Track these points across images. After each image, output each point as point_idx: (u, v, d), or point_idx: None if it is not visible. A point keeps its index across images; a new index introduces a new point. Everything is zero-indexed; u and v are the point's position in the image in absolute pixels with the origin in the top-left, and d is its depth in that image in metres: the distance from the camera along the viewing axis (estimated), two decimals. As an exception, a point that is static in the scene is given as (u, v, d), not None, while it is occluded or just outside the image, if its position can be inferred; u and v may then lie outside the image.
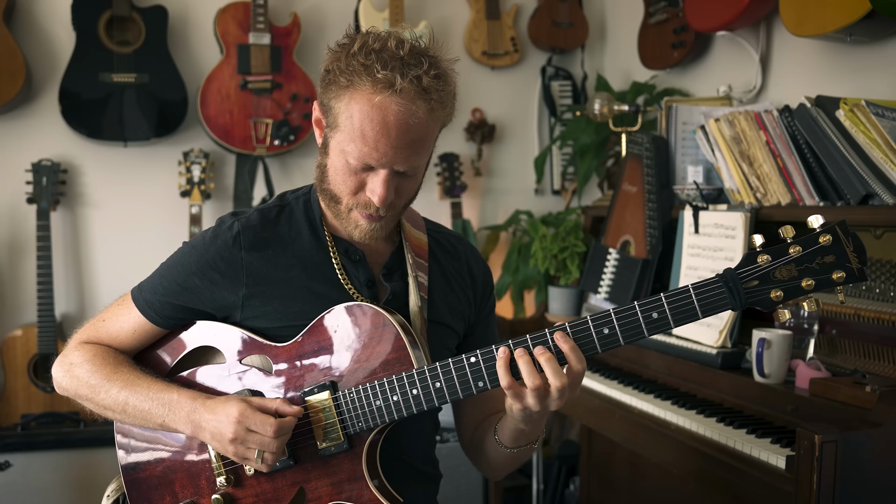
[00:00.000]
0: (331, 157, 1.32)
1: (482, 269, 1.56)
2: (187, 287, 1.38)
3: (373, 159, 1.26)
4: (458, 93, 1.35)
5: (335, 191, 1.34)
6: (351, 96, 1.25)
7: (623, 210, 2.62)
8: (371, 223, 1.34)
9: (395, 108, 1.23)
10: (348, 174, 1.30)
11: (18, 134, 3.01)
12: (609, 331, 1.20)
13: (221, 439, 1.28)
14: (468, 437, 1.55)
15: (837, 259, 1.15)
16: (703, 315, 1.18)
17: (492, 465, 1.50)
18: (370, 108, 1.23)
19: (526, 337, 1.23)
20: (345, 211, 1.35)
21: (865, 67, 2.27)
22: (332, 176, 1.33)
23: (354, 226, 1.35)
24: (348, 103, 1.25)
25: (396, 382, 1.29)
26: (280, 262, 1.39)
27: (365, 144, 1.25)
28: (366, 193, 1.31)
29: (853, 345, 1.88)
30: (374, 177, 1.29)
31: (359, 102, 1.24)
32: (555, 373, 1.20)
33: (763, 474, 1.63)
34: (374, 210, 1.32)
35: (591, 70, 3.63)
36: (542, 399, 1.21)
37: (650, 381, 2.24)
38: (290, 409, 1.29)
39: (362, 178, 1.30)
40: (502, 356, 1.22)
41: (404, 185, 1.33)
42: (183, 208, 3.11)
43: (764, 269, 1.17)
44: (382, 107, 1.23)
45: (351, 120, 1.25)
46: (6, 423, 2.83)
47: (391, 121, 1.23)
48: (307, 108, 3.12)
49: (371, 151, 1.25)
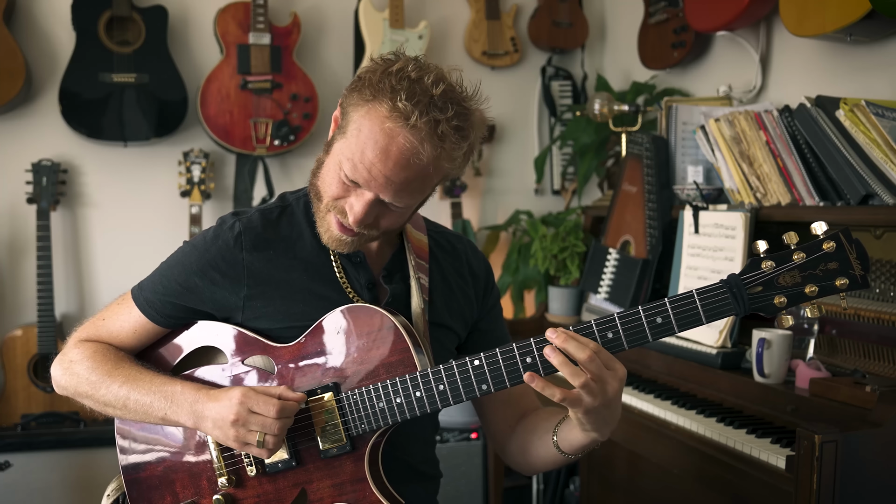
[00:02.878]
0: (330, 158, 1.32)
1: (482, 265, 1.56)
2: (188, 286, 1.38)
3: (362, 179, 1.26)
4: (474, 151, 1.33)
5: (321, 188, 1.34)
6: (367, 111, 1.24)
7: (623, 210, 2.62)
8: (342, 234, 1.33)
9: (401, 140, 1.22)
10: (337, 181, 1.29)
11: (18, 134, 3.01)
12: (613, 335, 1.21)
13: (223, 424, 1.27)
14: (500, 437, 1.53)
15: (841, 266, 1.16)
16: (707, 321, 1.19)
17: (537, 466, 1.47)
18: (378, 130, 1.23)
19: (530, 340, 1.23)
20: (323, 210, 1.34)
21: (865, 67, 2.27)
22: (323, 174, 1.33)
23: (326, 229, 1.34)
24: (363, 117, 1.25)
25: (400, 385, 1.29)
26: (281, 264, 1.39)
27: (360, 162, 1.24)
28: (345, 204, 1.30)
29: (853, 345, 1.88)
30: (358, 195, 1.28)
31: (371, 121, 1.23)
32: (579, 348, 1.17)
33: (763, 474, 1.63)
34: (347, 222, 1.31)
35: (591, 70, 3.63)
36: (594, 390, 1.18)
37: (650, 381, 2.24)
38: (293, 395, 1.29)
39: (347, 192, 1.29)
40: (532, 380, 1.19)
41: (386, 216, 1.32)
42: (183, 208, 3.11)
43: (768, 275, 1.18)
44: (390, 134, 1.22)
45: (358, 134, 1.25)
46: (6, 423, 2.82)
47: (393, 151, 1.22)
48: (307, 108, 3.12)
49: (363, 171, 1.25)
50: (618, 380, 1.20)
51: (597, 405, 1.20)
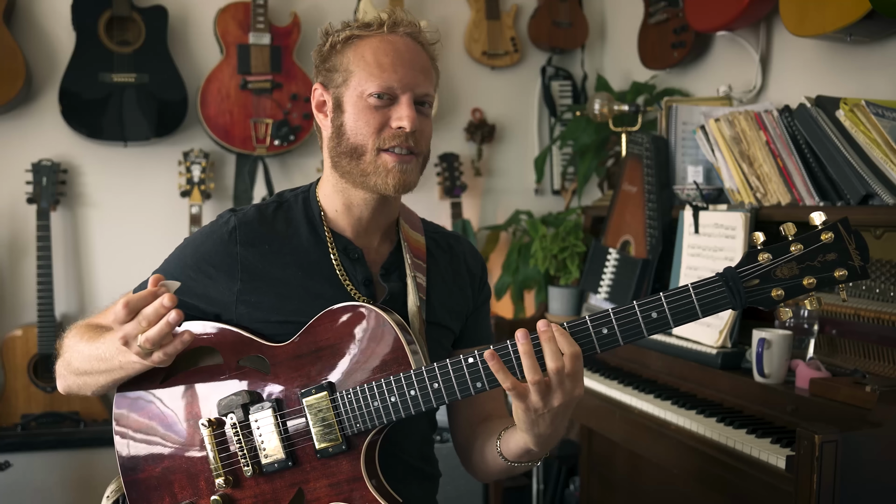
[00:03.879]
0: (347, 110, 1.35)
1: (478, 264, 1.57)
2: (183, 281, 1.38)
3: (394, 81, 1.32)
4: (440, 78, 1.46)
5: (358, 140, 1.34)
6: (357, 44, 1.35)
7: (623, 210, 2.62)
8: (402, 164, 1.34)
9: (401, 41, 1.35)
10: (370, 114, 1.33)
11: (18, 134, 3.01)
12: (608, 331, 1.20)
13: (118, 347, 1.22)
14: (462, 437, 1.54)
15: (839, 257, 1.14)
16: (703, 314, 1.17)
17: (483, 471, 1.47)
18: (379, 42, 1.34)
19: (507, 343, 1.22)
20: (372, 157, 1.34)
21: (865, 67, 2.27)
22: (351, 126, 1.35)
23: (385, 172, 1.34)
24: (356, 50, 1.35)
25: (394, 383, 1.28)
26: (276, 259, 1.39)
27: (384, 71, 1.32)
28: (392, 127, 1.33)
29: (853, 345, 1.88)
30: (398, 107, 1.33)
31: (368, 44, 1.34)
32: (553, 354, 1.17)
33: (763, 474, 1.63)
34: (403, 140, 1.33)
35: (591, 70, 3.62)
36: (545, 394, 1.18)
37: (650, 381, 2.24)
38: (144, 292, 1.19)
39: (386, 115, 1.33)
40: (491, 359, 1.19)
41: (423, 123, 1.36)
42: (183, 208, 3.11)
43: (765, 268, 1.16)
44: (392, 41, 1.35)
45: (364, 60, 1.33)
46: (6, 423, 2.83)
47: (402, 49, 1.35)
48: (307, 108, 3.12)
49: (391, 75, 1.32)
50: (569, 396, 1.19)
51: (540, 410, 1.19)
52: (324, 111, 1.40)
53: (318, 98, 1.40)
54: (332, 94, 1.38)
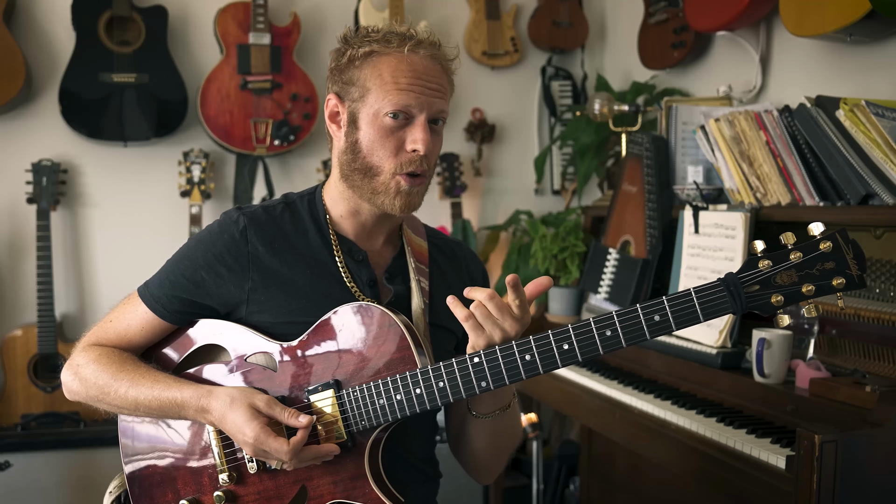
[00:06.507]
0: (363, 128, 1.35)
1: (479, 270, 1.60)
2: (194, 281, 1.39)
3: (411, 100, 1.33)
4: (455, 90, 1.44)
5: (374, 161, 1.35)
6: (376, 60, 1.34)
7: (623, 210, 2.62)
8: (413, 186, 1.36)
9: (419, 59, 1.35)
10: (386, 135, 1.34)
11: (18, 134, 3.01)
12: (611, 332, 1.21)
13: (241, 445, 1.31)
14: (454, 435, 1.56)
15: (837, 265, 1.17)
16: (704, 318, 1.20)
17: (475, 455, 1.50)
18: (398, 61, 1.33)
19: None
20: (387, 178, 1.35)
21: (865, 67, 2.27)
22: (367, 146, 1.35)
23: (395, 193, 1.36)
24: (374, 66, 1.34)
25: (400, 381, 1.29)
26: (285, 258, 1.39)
27: (401, 90, 1.32)
28: (406, 150, 1.34)
29: (853, 345, 1.88)
30: (412, 129, 1.34)
31: (386, 61, 1.34)
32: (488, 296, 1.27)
33: (763, 474, 1.63)
34: (417, 164, 1.35)
35: (591, 70, 3.63)
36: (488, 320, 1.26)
37: (650, 381, 2.24)
38: (301, 423, 1.29)
39: (401, 137, 1.34)
40: (453, 302, 1.28)
41: (434, 144, 1.38)
42: (183, 208, 3.11)
43: (765, 274, 1.19)
44: (410, 59, 1.34)
45: (381, 77, 1.33)
46: (6, 423, 2.83)
47: (420, 68, 1.34)
48: (307, 108, 3.12)
49: (408, 95, 1.33)
50: (518, 322, 1.27)
51: (494, 339, 1.26)
52: (337, 122, 1.40)
53: (332, 108, 1.41)
54: (347, 107, 1.38)
